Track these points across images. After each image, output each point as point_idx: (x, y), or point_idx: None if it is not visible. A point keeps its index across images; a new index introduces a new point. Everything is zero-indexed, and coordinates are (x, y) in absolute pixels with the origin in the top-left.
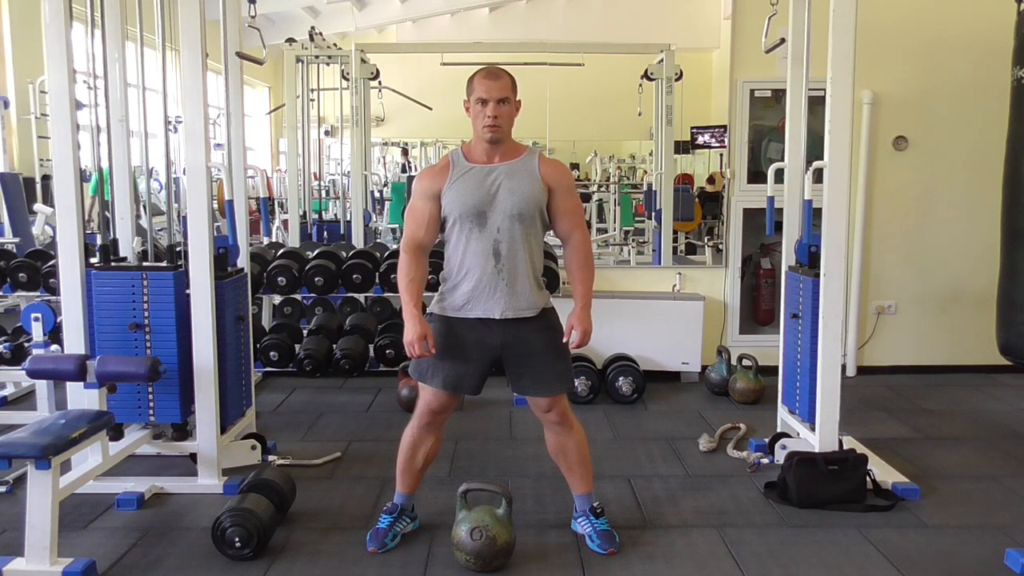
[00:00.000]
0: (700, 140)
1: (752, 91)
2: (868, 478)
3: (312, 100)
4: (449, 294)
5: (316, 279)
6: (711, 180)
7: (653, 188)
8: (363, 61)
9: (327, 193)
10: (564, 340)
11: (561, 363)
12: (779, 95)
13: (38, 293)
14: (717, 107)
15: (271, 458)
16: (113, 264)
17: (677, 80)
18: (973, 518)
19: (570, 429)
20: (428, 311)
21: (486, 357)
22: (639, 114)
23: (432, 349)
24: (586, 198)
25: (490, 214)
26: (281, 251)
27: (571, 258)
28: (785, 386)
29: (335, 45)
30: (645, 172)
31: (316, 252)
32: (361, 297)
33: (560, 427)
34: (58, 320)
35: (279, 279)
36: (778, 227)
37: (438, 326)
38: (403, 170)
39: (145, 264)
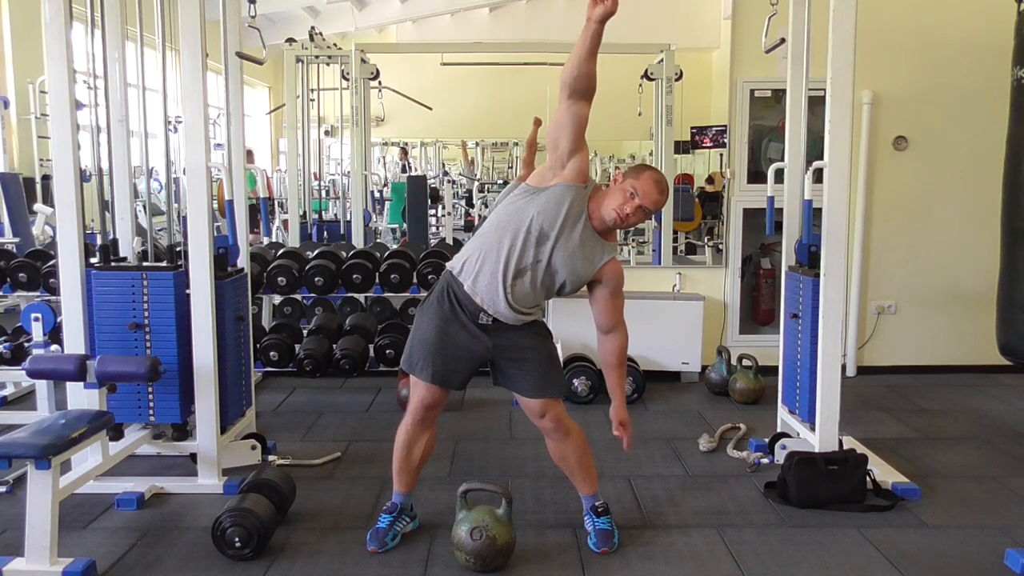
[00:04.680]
0: (700, 139)
1: (752, 91)
2: (868, 478)
3: (312, 100)
4: (464, 268)
5: (316, 279)
6: (711, 180)
7: None
8: (363, 61)
9: (327, 193)
10: (615, 435)
11: (551, 368)
12: (779, 95)
13: (38, 293)
14: (717, 107)
15: (271, 458)
16: (113, 264)
17: (677, 80)
18: (973, 518)
19: (567, 436)
20: (427, 294)
21: (476, 356)
22: (639, 114)
23: None
24: None
25: (544, 246)
26: (281, 251)
27: (611, 351)
28: (785, 386)
29: (335, 45)
30: None
31: (316, 252)
32: (361, 297)
33: (556, 433)
34: (58, 320)
35: (279, 279)
36: (778, 227)
37: (434, 319)
38: (403, 170)
39: (145, 264)
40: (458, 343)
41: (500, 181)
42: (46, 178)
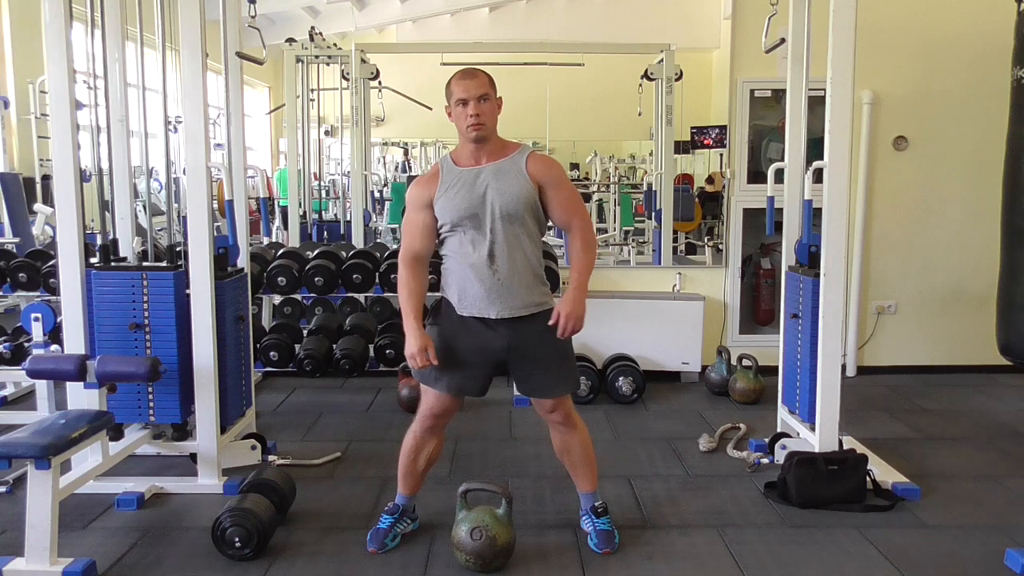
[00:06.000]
0: (700, 139)
1: (752, 91)
2: (868, 478)
3: (312, 100)
4: (449, 292)
5: (316, 279)
6: (711, 180)
7: (653, 188)
8: (363, 61)
9: (327, 193)
10: (550, 324)
11: (566, 365)
12: (779, 95)
13: (38, 293)
14: (717, 107)
15: (271, 458)
16: (113, 264)
17: (677, 80)
18: (973, 518)
19: (574, 428)
20: (433, 305)
21: (491, 360)
22: (639, 114)
23: (434, 360)
24: (586, 198)
25: (483, 216)
26: (281, 251)
27: (571, 244)
28: (785, 386)
29: (335, 45)
30: (645, 172)
31: (316, 252)
32: (361, 297)
33: (564, 427)
34: (58, 320)
35: (279, 279)
36: (778, 227)
37: (443, 330)
38: (403, 170)
39: (145, 264)
40: (470, 349)
41: None
42: (46, 178)
